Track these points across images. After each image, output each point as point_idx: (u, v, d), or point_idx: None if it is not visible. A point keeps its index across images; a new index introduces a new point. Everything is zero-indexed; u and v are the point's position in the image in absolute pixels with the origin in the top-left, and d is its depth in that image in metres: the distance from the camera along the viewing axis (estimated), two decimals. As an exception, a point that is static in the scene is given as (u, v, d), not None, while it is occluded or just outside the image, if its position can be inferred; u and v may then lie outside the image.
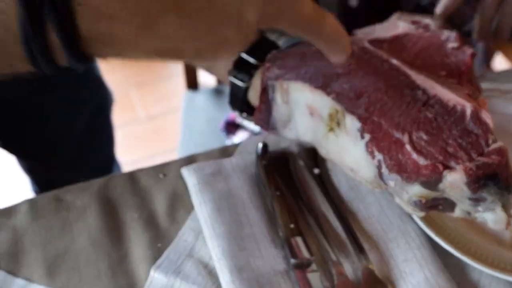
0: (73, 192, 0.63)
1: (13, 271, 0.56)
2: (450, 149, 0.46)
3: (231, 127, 1.13)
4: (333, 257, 0.56)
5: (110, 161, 1.34)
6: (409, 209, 0.48)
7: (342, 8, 0.85)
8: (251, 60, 0.67)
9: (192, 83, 1.37)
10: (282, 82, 0.54)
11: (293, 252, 0.56)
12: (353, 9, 0.85)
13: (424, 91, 0.50)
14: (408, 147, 0.47)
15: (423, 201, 0.47)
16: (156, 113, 2.26)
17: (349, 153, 0.50)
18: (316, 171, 0.64)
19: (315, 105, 0.52)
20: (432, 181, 0.45)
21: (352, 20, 0.87)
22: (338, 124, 0.51)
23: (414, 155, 0.46)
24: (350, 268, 0.56)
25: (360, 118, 0.49)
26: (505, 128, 0.67)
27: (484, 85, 0.69)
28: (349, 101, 0.50)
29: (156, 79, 2.42)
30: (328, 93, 0.51)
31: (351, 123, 0.50)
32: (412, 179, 0.46)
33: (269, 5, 0.39)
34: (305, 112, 0.53)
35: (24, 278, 0.55)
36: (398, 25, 0.62)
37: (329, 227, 0.60)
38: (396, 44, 0.58)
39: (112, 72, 1.56)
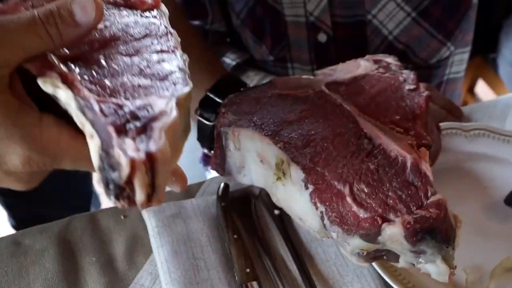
0: (32, 234, 0.62)
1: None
2: (390, 202, 0.46)
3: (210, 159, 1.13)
4: (289, 302, 0.56)
5: (89, 193, 1.34)
6: (353, 259, 0.48)
7: (312, 43, 0.86)
8: (217, 99, 0.67)
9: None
10: (234, 129, 0.54)
11: (247, 297, 0.56)
12: (322, 44, 0.86)
13: (370, 140, 0.50)
14: (348, 199, 0.47)
15: (365, 253, 0.47)
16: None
17: (296, 203, 0.50)
18: (277, 212, 0.63)
19: (264, 154, 0.52)
20: (371, 234, 0.45)
21: (322, 55, 0.87)
22: (284, 174, 0.51)
23: (355, 207, 0.46)
24: (305, 313, 0.56)
25: (304, 169, 0.49)
26: (460, 166, 0.67)
27: (447, 124, 0.69)
28: (295, 151, 0.50)
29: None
30: (276, 142, 0.51)
31: (296, 173, 0.49)
32: (352, 232, 0.46)
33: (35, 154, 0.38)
34: (256, 160, 0.53)
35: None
36: (359, 64, 0.62)
37: (286, 271, 0.59)
38: (353, 87, 0.58)
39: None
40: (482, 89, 1.49)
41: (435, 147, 0.56)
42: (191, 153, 1.16)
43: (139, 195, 0.31)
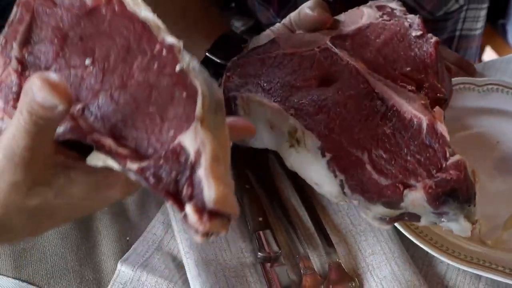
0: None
1: (-20, 265, 0.56)
2: (410, 166, 0.45)
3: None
4: (301, 251, 0.56)
5: None
6: (375, 223, 0.48)
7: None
8: (217, 59, 0.65)
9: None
10: (242, 94, 0.53)
11: (260, 245, 0.56)
12: (329, 3, 0.85)
13: (383, 101, 0.49)
14: (368, 166, 0.46)
15: (387, 218, 0.47)
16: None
17: (312, 169, 0.49)
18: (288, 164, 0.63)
19: (274, 120, 0.51)
20: (393, 201, 0.45)
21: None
22: (298, 142, 0.50)
23: (375, 175, 0.46)
24: (318, 261, 0.56)
25: (320, 136, 0.48)
26: (472, 121, 0.67)
27: (459, 79, 0.69)
28: (308, 118, 0.49)
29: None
30: (287, 109, 0.50)
31: (311, 141, 0.48)
32: (374, 200, 0.46)
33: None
34: (266, 126, 0.52)
35: (-9, 271, 0.55)
36: (363, 12, 0.60)
37: (298, 220, 0.59)
38: (359, 39, 0.57)
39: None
40: (489, 57, 1.48)
41: (448, 94, 0.55)
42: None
43: (222, 233, 0.34)
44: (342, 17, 0.60)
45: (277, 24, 0.60)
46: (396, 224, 0.55)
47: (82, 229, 0.59)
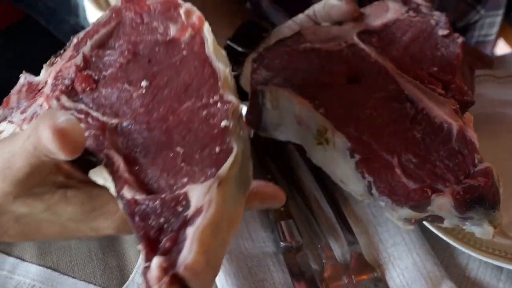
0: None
1: (6, 251, 0.56)
2: (438, 171, 0.46)
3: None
4: (323, 241, 0.57)
5: None
6: (399, 224, 0.48)
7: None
8: (239, 48, 0.66)
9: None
10: (271, 88, 0.53)
11: (282, 235, 0.56)
12: None
13: (412, 104, 0.50)
14: (397, 170, 0.46)
15: (413, 220, 0.47)
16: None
17: (339, 167, 0.50)
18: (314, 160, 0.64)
19: (303, 116, 0.51)
20: (421, 205, 0.46)
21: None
22: (327, 141, 0.50)
23: (404, 179, 0.46)
24: (339, 251, 0.57)
25: (350, 138, 0.48)
26: (492, 113, 0.67)
27: (478, 71, 0.69)
28: (338, 119, 0.49)
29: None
30: (317, 107, 0.50)
31: (341, 141, 0.49)
32: (402, 203, 0.46)
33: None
34: (293, 120, 0.52)
35: (16, 257, 0.56)
36: (388, 6, 0.60)
37: (320, 210, 0.60)
38: (385, 35, 0.57)
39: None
40: (503, 50, 1.47)
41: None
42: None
43: None
44: (367, 10, 0.60)
45: (300, 15, 0.60)
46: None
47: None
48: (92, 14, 1.18)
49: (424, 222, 0.55)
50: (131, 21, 0.41)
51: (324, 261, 0.55)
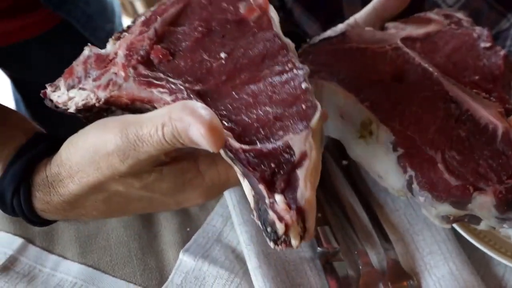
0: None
1: (48, 248, 0.58)
2: (481, 170, 0.47)
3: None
4: (359, 247, 0.57)
5: None
6: (435, 221, 0.49)
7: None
8: None
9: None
10: (317, 80, 0.54)
11: (319, 241, 0.57)
12: None
13: (457, 105, 0.51)
14: (440, 166, 0.47)
15: (451, 218, 0.48)
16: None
17: (379, 161, 0.51)
18: (344, 162, 0.64)
19: (347, 110, 0.52)
20: (461, 202, 0.46)
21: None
22: (371, 133, 0.51)
23: (446, 175, 0.47)
24: (375, 258, 0.57)
25: (395, 132, 0.49)
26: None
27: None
28: (384, 112, 0.51)
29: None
30: (362, 101, 0.51)
31: (385, 135, 0.50)
32: (442, 198, 0.47)
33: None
34: (336, 114, 0.53)
35: (58, 255, 0.57)
36: (430, 18, 0.62)
37: (356, 218, 0.60)
38: (428, 43, 0.58)
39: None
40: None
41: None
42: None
43: (294, 242, 0.35)
44: (409, 20, 0.61)
45: (340, 25, 0.62)
46: (454, 225, 0.56)
47: (144, 220, 0.60)
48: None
49: (461, 231, 0.56)
50: (199, 2, 0.45)
51: (360, 267, 0.55)
